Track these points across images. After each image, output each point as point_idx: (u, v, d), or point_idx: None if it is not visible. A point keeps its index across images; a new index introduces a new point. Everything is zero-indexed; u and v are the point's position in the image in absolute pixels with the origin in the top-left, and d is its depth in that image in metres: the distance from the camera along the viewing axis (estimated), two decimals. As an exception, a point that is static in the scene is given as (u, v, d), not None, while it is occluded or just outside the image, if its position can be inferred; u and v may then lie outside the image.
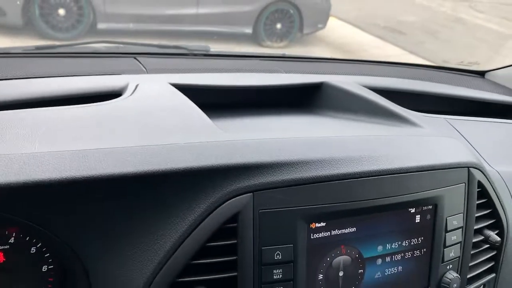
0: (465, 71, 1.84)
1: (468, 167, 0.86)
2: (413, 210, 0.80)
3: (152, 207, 0.68)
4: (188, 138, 0.74)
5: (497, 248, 0.96)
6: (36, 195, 0.63)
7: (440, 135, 0.98)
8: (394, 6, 7.62)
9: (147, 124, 0.80)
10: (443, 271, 0.85)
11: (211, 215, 0.68)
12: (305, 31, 5.38)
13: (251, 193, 0.69)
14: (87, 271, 0.67)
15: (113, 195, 0.67)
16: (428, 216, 0.82)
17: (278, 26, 5.18)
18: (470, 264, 0.91)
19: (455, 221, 0.84)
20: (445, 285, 0.84)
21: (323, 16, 5.54)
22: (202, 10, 4.85)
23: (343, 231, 0.75)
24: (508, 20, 6.95)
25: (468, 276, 0.91)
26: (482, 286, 0.97)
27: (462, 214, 0.85)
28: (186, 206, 0.68)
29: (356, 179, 0.74)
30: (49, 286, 0.72)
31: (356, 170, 0.75)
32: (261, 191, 0.69)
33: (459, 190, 0.85)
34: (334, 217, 0.74)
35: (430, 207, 0.82)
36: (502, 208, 0.96)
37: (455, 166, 0.84)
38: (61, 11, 4.37)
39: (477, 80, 1.79)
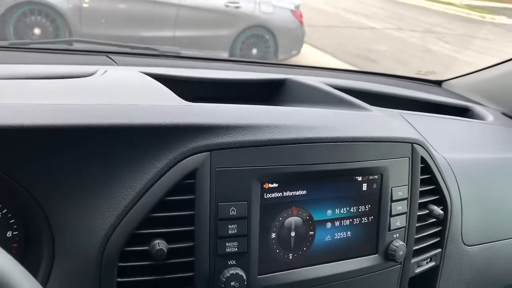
0: (424, 80, 1.96)
1: (411, 143, 0.94)
2: (360, 178, 0.87)
3: (113, 160, 0.73)
4: (150, 102, 0.80)
5: (442, 223, 1.04)
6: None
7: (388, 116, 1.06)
8: (365, 35, 7.92)
9: (113, 93, 0.86)
10: (390, 239, 0.91)
11: (170, 170, 0.73)
12: (280, 56, 5.53)
13: (209, 152, 0.74)
14: (49, 222, 0.71)
15: (70, 145, 0.71)
16: (375, 185, 0.89)
17: (254, 51, 5.33)
18: (416, 237, 0.98)
19: (400, 191, 0.92)
20: (391, 252, 0.90)
21: (297, 43, 5.72)
22: (179, 33, 4.96)
23: (294, 193, 0.81)
24: (473, 51, 7.31)
25: (415, 248, 0.98)
26: (428, 260, 1.03)
27: (406, 186, 0.93)
28: (147, 162, 0.73)
29: (306, 144, 0.81)
30: (13, 251, 0.76)
31: (307, 136, 0.81)
32: (218, 150, 0.75)
33: (404, 163, 0.92)
34: (286, 179, 0.80)
35: (376, 176, 0.89)
36: (446, 187, 1.03)
37: (399, 140, 0.92)
38: (37, 31, 4.42)
39: (435, 88, 1.91)
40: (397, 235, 0.92)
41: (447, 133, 1.35)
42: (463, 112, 1.65)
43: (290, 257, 0.82)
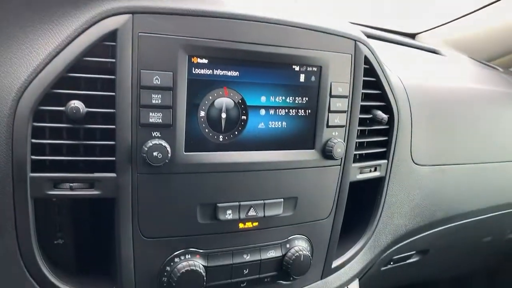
0: (398, 33, 1.95)
1: (355, 40, 0.91)
2: (297, 68, 0.85)
3: (27, 14, 0.71)
4: None
5: (388, 134, 1.03)
6: None
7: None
8: None
9: None
10: (328, 136, 0.89)
11: (88, 30, 0.70)
12: None
13: (130, 15, 0.72)
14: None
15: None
16: (313, 78, 0.87)
17: None
18: (359, 141, 0.97)
19: (340, 88, 0.90)
20: (329, 148, 0.88)
21: None
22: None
23: (226, 73, 0.79)
24: None
25: (357, 153, 0.97)
26: (373, 169, 1.02)
27: (348, 84, 0.91)
28: (64, 19, 0.71)
29: (239, 21, 0.79)
30: None
31: (240, 12, 0.79)
32: (141, 14, 0.72)
33: (345, 60, 0.90)
34: (216, 55, 0.77)
35: (315, 69, 0.87)
36: (394, 97, 1.02)
37: (342, 35, 0.89)
38: None
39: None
40: (336, 133, 0.91)
41: (406, 60, 1.34)
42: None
43: (221, 139, 0.80)
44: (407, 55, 1.48)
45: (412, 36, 1.99)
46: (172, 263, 0.81)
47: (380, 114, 0.97)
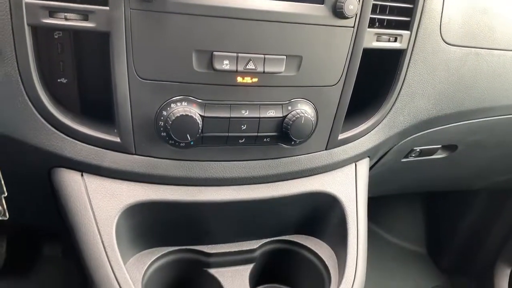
0: None
1: None
2: None
3: None
4: None
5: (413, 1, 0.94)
6: None
7: None
8: None
9: None
10: None
11: None
12: None
13: None
14: None
15: None
16: None
17: None
18: (378, 3, 0.89)
19: None
20: (340, 3, 0.82)
21: None
22: None
23: None
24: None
25: (375, 16, 0.90)
26: (393, 39, 0.95)
27: None
28: None
29: None
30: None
31: None
32: None
33: None
34: None
35: None
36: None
37: None
38: None
39: None
40: None
41: None
42: None
43: None
44: None
45: None
46: (168, 108, 0.82)
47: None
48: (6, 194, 0.88)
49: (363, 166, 1.08)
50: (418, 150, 1.28)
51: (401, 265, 2.28)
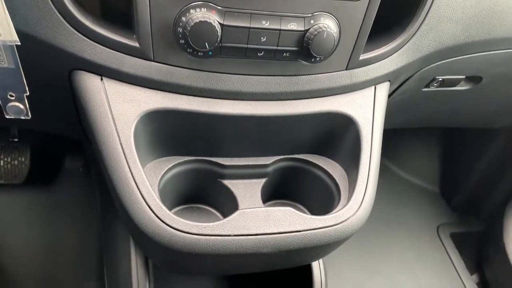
0: None
1: None
2: None
3: None
4: None
5: None
6: None
7: None
8: None
9: None
10: None
11: None
12: None
13: None
14: None
15: None
16: None
17: None
18: None
19: None
20: None
21: None
22: None
23: None
24: None
25: None
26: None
27: None
28: None
29: None
30: None
31: None
32: None
33: None
34: None
35: None
36: None
37: None
38: None
39: None
40: None
41: None
42: None
43: None
44: None
45: None
46: (187, 14, 0.81)
47: None
48: (28, 93, 0.90)
49: (383, 90, 1.06)
50: (440, 79, 1.25)
51: (411, 200, 2.32)
